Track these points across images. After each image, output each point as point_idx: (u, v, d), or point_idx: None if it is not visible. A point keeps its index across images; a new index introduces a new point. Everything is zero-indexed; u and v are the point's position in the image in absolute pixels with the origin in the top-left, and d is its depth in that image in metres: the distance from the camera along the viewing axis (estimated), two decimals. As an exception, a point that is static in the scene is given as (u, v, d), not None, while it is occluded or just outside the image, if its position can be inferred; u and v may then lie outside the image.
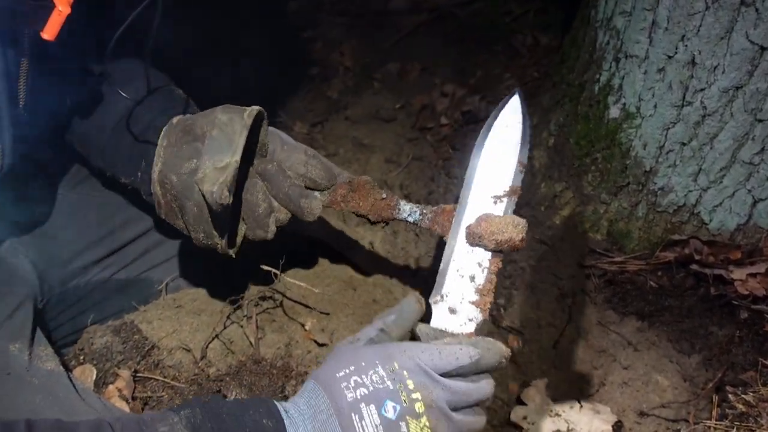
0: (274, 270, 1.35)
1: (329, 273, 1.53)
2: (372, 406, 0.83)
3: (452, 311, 1.00)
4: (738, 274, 1.49)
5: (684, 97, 1.45)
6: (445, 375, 0.87)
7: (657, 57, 1.46)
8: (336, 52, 2.70)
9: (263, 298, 1.42)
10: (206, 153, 1.06)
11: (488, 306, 1.01)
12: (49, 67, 1.16)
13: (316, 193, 1.19)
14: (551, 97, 1.86)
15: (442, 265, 1.04)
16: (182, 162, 1.09)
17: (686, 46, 1.40)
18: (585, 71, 1.70)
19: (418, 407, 0.84)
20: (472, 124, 2.12)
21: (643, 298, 1.57)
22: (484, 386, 0.89)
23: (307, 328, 1.40)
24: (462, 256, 1.03)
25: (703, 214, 1.56)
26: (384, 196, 1.18)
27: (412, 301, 0.96)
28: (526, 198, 1.81)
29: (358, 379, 0.85)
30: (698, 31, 1.37)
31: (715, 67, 1.38)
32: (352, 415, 0.82)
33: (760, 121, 1.39)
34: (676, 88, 1.45)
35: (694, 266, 1.55)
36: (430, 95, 2.32)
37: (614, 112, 1.60)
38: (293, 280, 1.39)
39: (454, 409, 0.87)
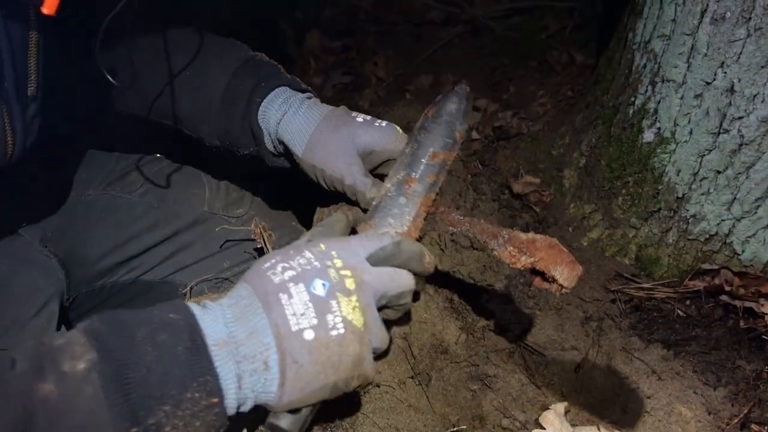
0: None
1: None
2: (301, 285, 0.79)
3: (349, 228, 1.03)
4: (769, 308, 1.45)
5: (721, 125, 1.42)
6: (370, 258, 0.87)
7: (695, 83, 1.44)
8: (370, 61, 2.71)
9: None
10: None
11: (415, 238, 1.03)
12: (62, 49, 1.16)
13: None
14: (584, 118, 1.84)
15: (375, 199, 1.07)
16: None
17: (725, 73, 1.38)
18: (620, 93, 1.68)
19: (349, 284, 0.81)
20: (503, 140, 2.11)
21: (670, 327, 1.55)
22: (405, 275, 0.89)
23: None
24: (395, 191, 1.07)
25: (735, 245, 1.53)
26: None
27: (339, 214, 0.98)
28: (554, 217, 1.79)
29: (285, 264, 0.82)
30: (738, 58, 1.35)
31: (755, 96, 1.36)
32: (280, 294, 0.78)
33: (799, 152, 1.37)
34: (713, 115, 1.43)
35: (724, 297, 1.51)
36: (462, 109, 2.31)
37: (648, 136, 1.57)
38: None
39: (379, 306, 0.86)
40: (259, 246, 1.42)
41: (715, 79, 1.40)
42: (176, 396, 0.71)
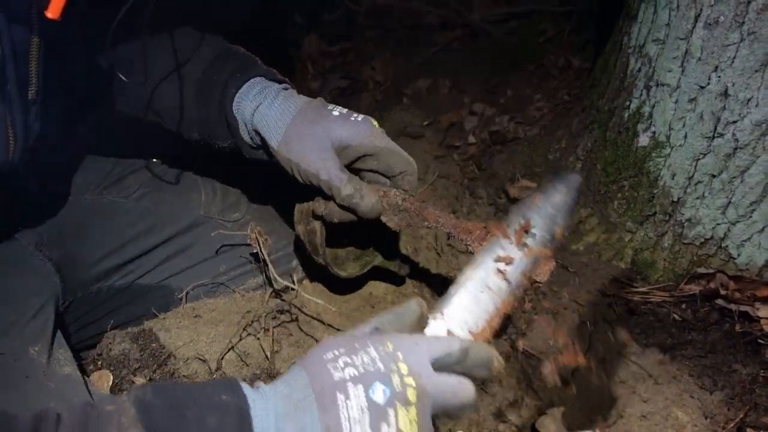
0: (291, 285, 1.36)
1: (348, 289, 1.54)
2: (360, 387, 0.74)
3: (449, 333, 0.95)
4: (764, 312, 1.45)
5: (715, 129, 1.42)
6: (435, 363, 0.81)
7: (689, 87, 1.44)
8: (367, 65, 2.72)
9: (281, 312, 1.43)
10: None
11: (487, 339, 0.97)
12: (62, 53, 1.16)
13: None
14: (580, 122, 1.85)
15: (453, 285, 1.00)
16: None
17: (719, 77, 1.38)
18: (615, 97, 1.68)
19: (410, 394, 0.76)
20: (499, 145, 2.11)
21: (666, 331, 1.54)
22: (469, 388, 0.83)
23: (323, 343, 1.40)
24: (477, 285, 0.99)
25: (730, 248, 1.52)
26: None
27: (412, 304, 0.91)
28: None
29: (348, 360, 0.77)
30: (732, 62, 1.35)
31: (749, 100, 1.36)
32: (337, 393, 0.74)
33: (794, 156, 1.37)
34: (707, 119, 1.43)
35: (720, 301, 1.51)
36: (458, 113, 2.31)
37: (643, 140, 1.57)
38: (310, 297, 1.39)
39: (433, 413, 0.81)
40: (254, 251, 1.42)
41: (709, 83, 1.40)
42: None
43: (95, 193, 1.45)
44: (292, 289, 1.37)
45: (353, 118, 1.19)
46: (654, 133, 1.55)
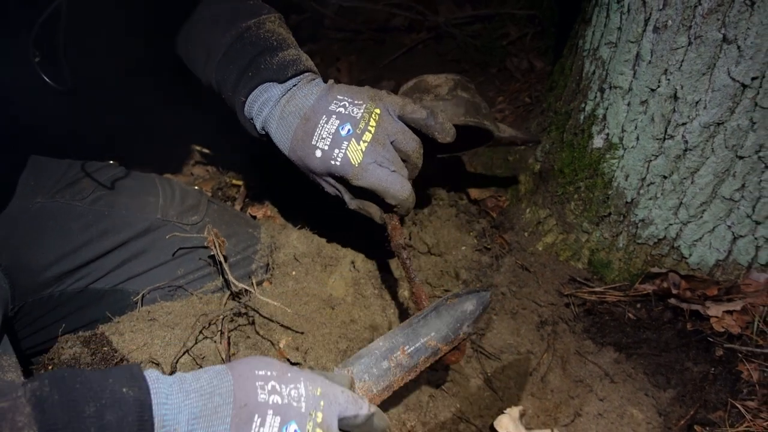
0: (249, 288, 1.35)
1: (308, 291, 1.53)
2: (277, 419, 0.78)
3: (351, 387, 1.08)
4: (714, 310, 1.48)
5: (666, 131, 1.45)
6: (343, 420, 0.89)
7: (640, 89, 1.46)
8: (333, 67, 2.71)
9: (238, 314, 1.42)
10: None
11: (376, 404, 1.09)
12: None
13: None
14: (539, 124, 1.86)
15: (365, 348, 1.12)
16: None
17: (669, 80, 1.40)
18: (571, 100, 1.70)
19: None
20: (462, 146, 2.12)
21: (621, 330, 1.57)
22: None
23: (281, 346, 1.40)
24: (383, 353, 1.12)
25: (682, 248, 1.55)
26: None
27: (346, 375, 1.03)
28: (511, 222, 1.81)
29: (276, 386, 0.81)
30: (681, 66, 1.37)
31: (697, 102, 1.38)
32: (255, 416, 0.77)
33: (741, 158, 1.39)
34: (658, 121, 1.45)
35: (672, 300, 1.54)
36: (422, 115, 2.31)
37: (598, 141, 1.60)
38: (268, 300, 1.38)
39: None
40: (212, 253, 1.41)
41: (659, 86, 1.43)
42: None
43: (47, 197, 1.42)
44: (250, 291, 1.36)
45: (333, 162, 1.25)
46: (608, 135, 1.57)
